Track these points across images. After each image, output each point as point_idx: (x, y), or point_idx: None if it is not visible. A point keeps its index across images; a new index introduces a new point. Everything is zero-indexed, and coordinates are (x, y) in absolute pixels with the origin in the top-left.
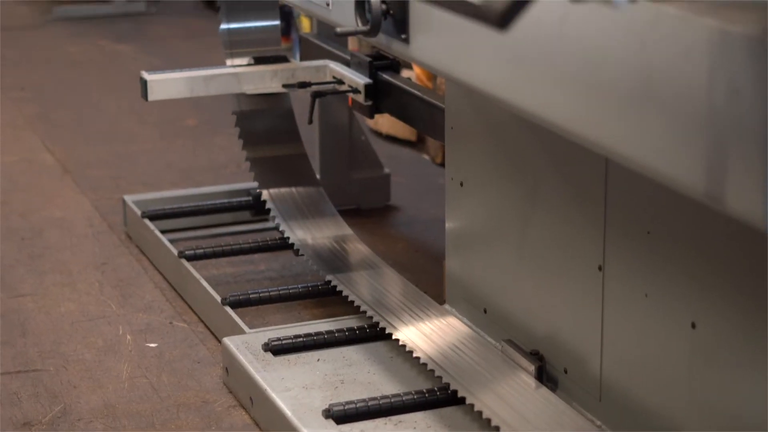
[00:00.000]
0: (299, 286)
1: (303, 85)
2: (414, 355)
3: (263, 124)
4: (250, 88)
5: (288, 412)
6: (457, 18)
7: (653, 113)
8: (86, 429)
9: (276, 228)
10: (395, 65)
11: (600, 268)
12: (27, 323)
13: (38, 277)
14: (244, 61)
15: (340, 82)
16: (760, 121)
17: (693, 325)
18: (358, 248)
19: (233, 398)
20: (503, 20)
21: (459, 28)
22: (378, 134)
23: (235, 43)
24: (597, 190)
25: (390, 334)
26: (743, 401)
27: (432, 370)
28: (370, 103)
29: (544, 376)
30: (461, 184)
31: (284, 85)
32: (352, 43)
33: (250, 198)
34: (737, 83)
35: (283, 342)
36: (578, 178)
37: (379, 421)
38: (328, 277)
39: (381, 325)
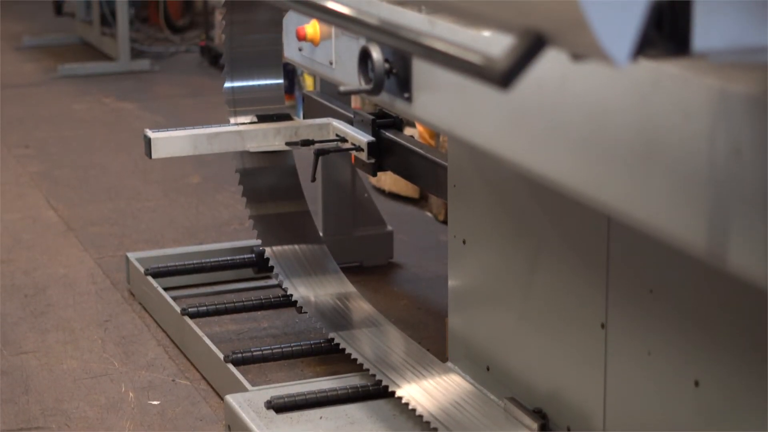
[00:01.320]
0: (302, 343)
1: (306, 142)
2: (417, 412)
3: (266, 182)
4: (254, 146)
5: None
6: (460, 77)
7: (655, 172)
8: None
9: (279, 285)
10: (398, 123)
11: (603, 326)
12: (29, 380)
13: (41, 335)
14: (248, 118)
15: (343, 139)
16: (761, 180)
17: (696, 383)
18: (361, 305)
19: None
20: (505, 79)
21: (461, 86)
22: (381, 191)
23: (239, 101)
24: (599, 248)
25: (393, 392)
26: None
27: (435, 429)
28: (373, 160)
29: None
30: (464, 242)
31: (287, 143)
32: (355, 101)
33: (253, 255)
34: (738, 142)
35: (286, 400)
36: (581, 236)
37: None
38: (331, 335)
39: (384, 382)
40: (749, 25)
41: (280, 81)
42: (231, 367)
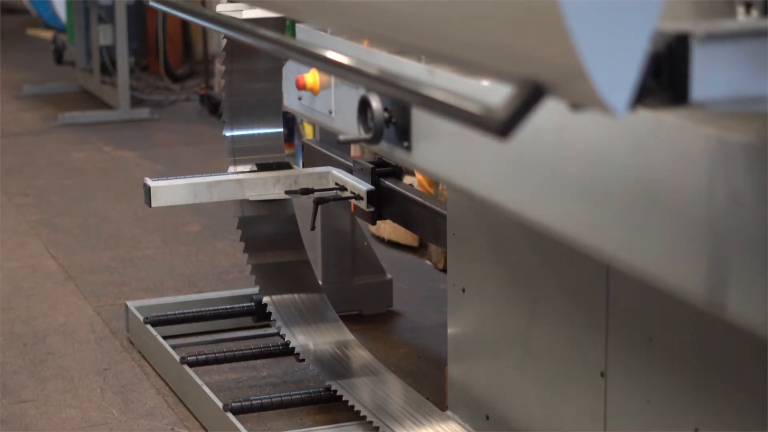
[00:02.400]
0: (301, 392)
1: (306, 191)
2: None
3: (266, 230)
4: (253, 195)
5: None
6: (459, 126)
7: (654, 220)
8: None
9: (278, 334)
10: (397, 171)
11: (602, 375)
12: (29, 429)
13: (40, 383)
14: (248, 167)
15: (343, 188)
16: (760, 229)
17: None
18: (360, 354)
19: None
20: (504, 129)
21: (461, 136)
22: (380, 240)
23: (239, 150)
24: (599, 297)
25: None
26: None
27: None
28: (372, 209)
29: None
30: (463, 290)
31: (287, 192)
32: (354, 150)
33: (253, 304)
34: (736, 191)
35: None
36: (580, 285)
37: None
38: (330, 383)
39: (383, 431)
40: (746, 75)
41: (280, 129)
42: (230, 415)
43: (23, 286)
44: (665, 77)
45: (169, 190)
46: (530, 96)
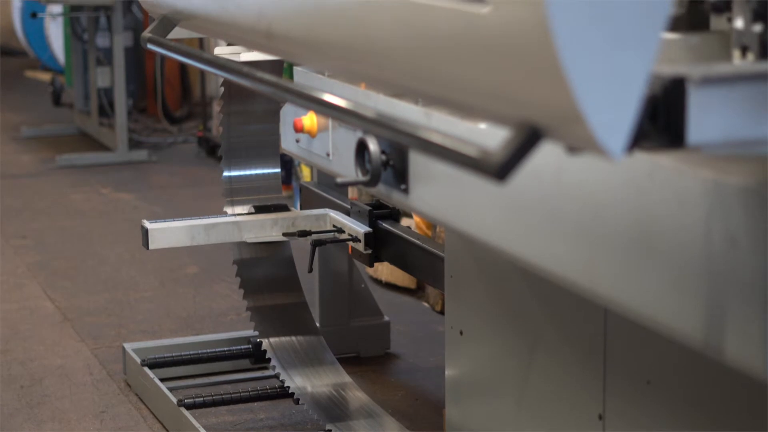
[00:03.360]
0: None
1: (303, 233)
2: None
3: (263, 273)
4: (251, 237)
5: None
6: (456, 169)
7: (651, 263)
8: None
9: (276, 376)
10: (395, 214)
11: (600, 417)
12: None
13: (37, 426)
14: (245, 209)
15: (340, 230)
16: (759, 271)
17: None
18: (358, 396)
19: None
20: (501, 172)
21: (458, 178)
22: (378, 282)
23: (236, 191)
24: (597, 339)
25: None
26: None
27: None
28: (369, 251)
29: None
30: (461, 333)
31: (285, 234)
32: (352, 192)
33: (250, 346)
34: (734, 233)
35: None
36: (578, 327)
37: None
38: (328, 426)
39: None
40: (742, 118)
41: (278, 171)
42: None
43: (20, 328)
44: (661, 120)
45: (167, 233)
46: (527, 139)
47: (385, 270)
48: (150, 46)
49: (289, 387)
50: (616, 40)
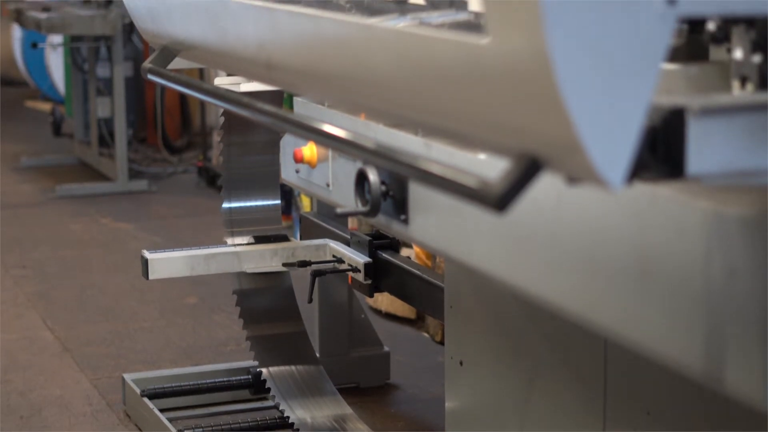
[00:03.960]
0: None
1: (303, 263)
2: None
3: (263, 303)
4: (251, 267)
5: None
6: (456, 200)
7: (651, 293)
8: None
9: (275, 407)
10: (395, 244)
11: None
12: None
13: None
14: (245, 239)
15: (340, 260)
16: (759, 302)
17: None
18: (358, 427)
19: None
20: (501, 203)
21: (458, 209)
22: (378, 312)
23: (236, 222)
24: (596, 370)
25: None
26: None
27: None
28: (369, 281)
29: None
30: (461, 363)
31: (284, 264)
32: (352, 222)
33: (250, 377)
34: (733, 264)
35: None
36: (578, 358)
37: None
38: None
39: None
40: (742, 148)
41: (278, 202)
42: None
43: (20, 358)
44: (661, 151)
45: (167, 263)
46: (527, 170)
47: (385, 300)
48: (150, 77)
49: (288, 417)
50: (616, 71)
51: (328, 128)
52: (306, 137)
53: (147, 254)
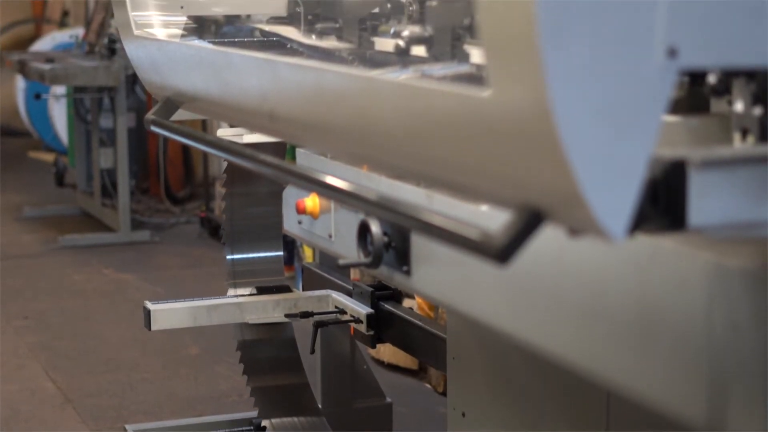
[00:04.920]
0: None
1: (305, 315)
2: None
3: (265, 354)
4: (253, 318)
5: None
6: (458, 251)
7: (653, 346)
8: None
9: None
10: (397, 295)
11: None
12: None
13: None
14: (247, 290)
15: (342, 311)
16: (760, 354)
17: None
18: None
19: None
20: (503, 256)
21: (460, 260)
22: (380, 363)
23: (239, 273)
24: (599, 422)
25: None
26: None
27: None
28: (371, 332)
29: None
30: (463, 415)
31: (287, 315)
32: (354, 273)
33: (252, 428)
34: (736, 316)
35: None
36: (580, 410)
37: None
38: None
39: None
40: (743, 201)
41: (280, 253)
42: None
43: (21, 409)
44: (662, 203)
45: (169, 314)
46: (529, 222)
47: (387, 351)
48: (154, 129)
49: None
50: (617, 124)
51: (330, 180)
52: (308, 188)
53: (149, 305)
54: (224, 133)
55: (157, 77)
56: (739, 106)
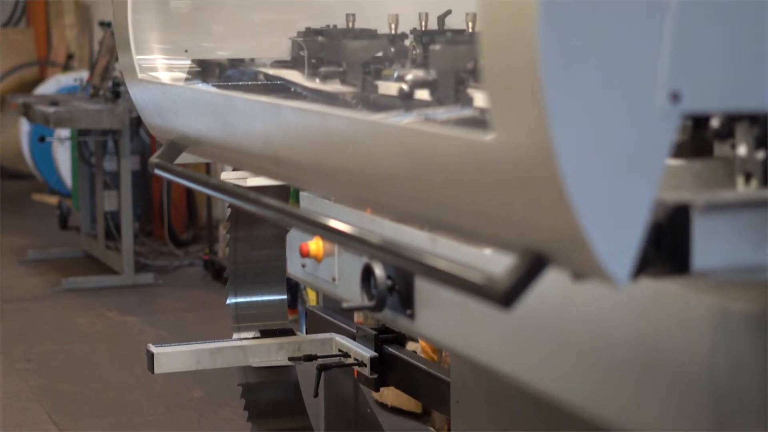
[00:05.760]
0: None
1: (309, 358)
2: None
3: (269, 397)
4: (257, 361)
5: None
6: (462, 296)
7: (657, 388)
8: None
9: None
10: (400, 338)
11: None
12: None
13: None
14: (251, 333)
15: (346, 355)
16: (764, 398)
17: None
18: None
19: None
20: (507, 299)
21: (464, 304)
22: (383, 406)
23: (242, 316)
24: None
25: None
26: None
27: None
28: (375, 375)
29: None
30: None
31: (290, 358)
32: (358, 316)
33: None
34: (739, 360)
35: None
36: None
37: None
38: None
39: None
40: (747, 244)
41: (284, 296)
42: None
43: None
44: (666, 247)
45: (173, 357)
46: (532, 266)
47: (391, 394)
48: (158, 172)
49: None
50: (621, 167)
51: (334, 223)
52: (312, 232)
53: (153, 348)
54: (228, 176)
55: (161, 121)
56: (742, 150)
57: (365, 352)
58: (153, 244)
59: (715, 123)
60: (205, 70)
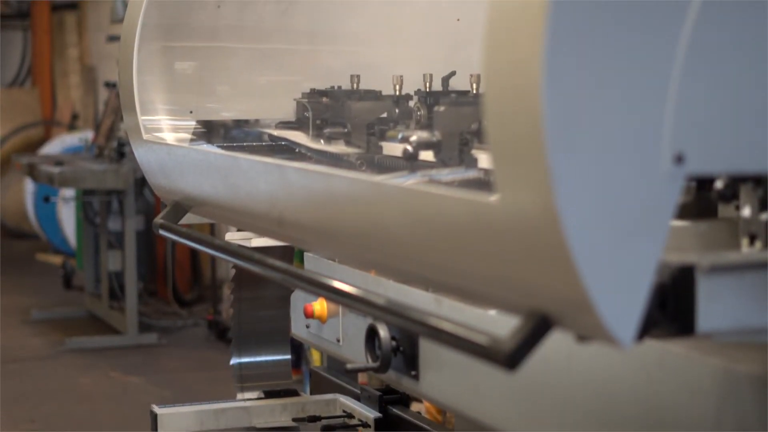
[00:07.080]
0: None
1: (313, 419)
2: None
3: None
4: (261, 422)
5: None
6: (467, 357)
7: None
8: None
9: None
10: (405, 399)
11: None
12: None
13: None
14: (255, 394)
15: (350, 416)
16: None
17: None
18: None
19: None
20: (511, 361)
21: (468, 365)
22: None
23: (246, 377)
24: None
25: None
26: None
27: None
28: None
29: None
30: None
31: (294, 419)
32: (362, 376)
33: None
34: (744, 422)
35: None
36: None
37: None
38: None
39: None
40: (751, 306)
41: (288, 357)
42: None
43: None
44: (671, 308)
45: (176, 418)
46: (537, 328)
47: None
48: (162, 233)
49: None
50: (625, 229)
51: (338, 285)
52: (316, 293)
53: (156, 409)
54: (232, 236)
55: (165, 181)
56: (746, 212)
57: (369, 413)
58: (157, 304)
59: (719, 184)
60: (209, 131)
